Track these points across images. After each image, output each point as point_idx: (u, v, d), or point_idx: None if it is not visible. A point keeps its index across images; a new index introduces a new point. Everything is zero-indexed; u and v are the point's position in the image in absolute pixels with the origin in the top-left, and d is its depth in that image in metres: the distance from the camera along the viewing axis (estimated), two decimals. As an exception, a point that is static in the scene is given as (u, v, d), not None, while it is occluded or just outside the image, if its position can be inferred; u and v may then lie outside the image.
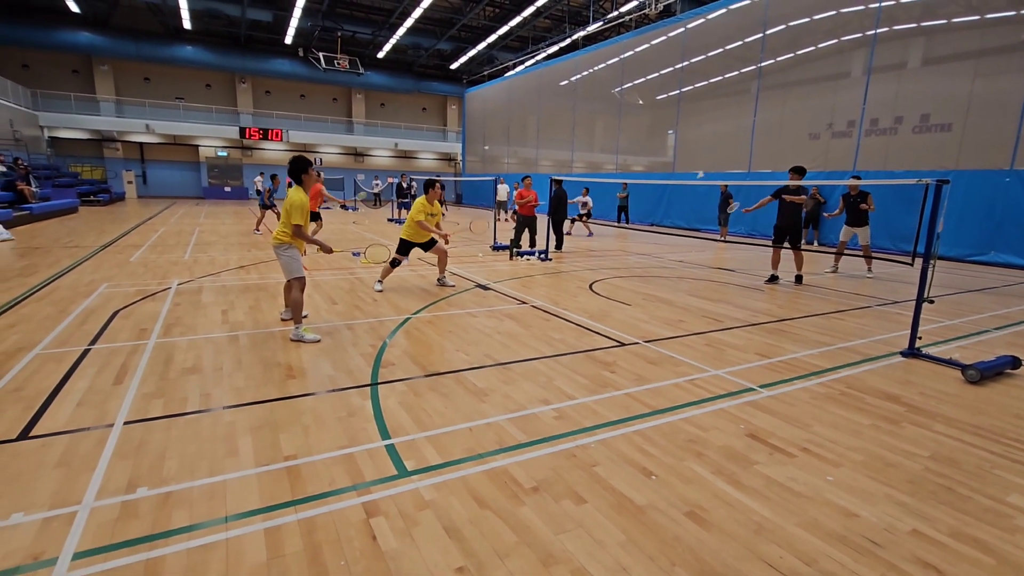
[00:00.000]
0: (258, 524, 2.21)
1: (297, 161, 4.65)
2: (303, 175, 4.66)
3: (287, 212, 4.59)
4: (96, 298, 6.16)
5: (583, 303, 6.56)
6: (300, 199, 4.60)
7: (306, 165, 4.69)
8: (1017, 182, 10.77)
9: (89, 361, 4.10)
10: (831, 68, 15.28)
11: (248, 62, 31.92)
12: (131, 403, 3.35)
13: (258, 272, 8.14)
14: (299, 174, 4.65)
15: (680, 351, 4.70)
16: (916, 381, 4.11)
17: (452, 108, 40.75)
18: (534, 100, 27.45)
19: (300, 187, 4.69)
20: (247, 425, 3.09)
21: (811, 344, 5.02)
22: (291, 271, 4.75)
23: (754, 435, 3.12)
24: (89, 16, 26.86)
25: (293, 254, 4.74)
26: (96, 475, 2.53)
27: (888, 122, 13.56)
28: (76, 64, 29.87)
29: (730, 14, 16.83)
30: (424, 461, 2.74)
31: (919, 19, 13.00)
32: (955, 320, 6.16)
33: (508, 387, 3.77)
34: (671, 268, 9.73)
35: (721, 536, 2.21)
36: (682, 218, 18.58)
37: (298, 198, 4.59)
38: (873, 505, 2.46)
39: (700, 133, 19.16)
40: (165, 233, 13.29)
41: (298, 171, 4.65)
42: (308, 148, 35.67)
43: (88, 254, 9.51)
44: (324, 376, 3.91)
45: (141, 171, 32.22)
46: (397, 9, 26.53)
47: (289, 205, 4.58)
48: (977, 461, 2.90)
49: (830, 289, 7.98)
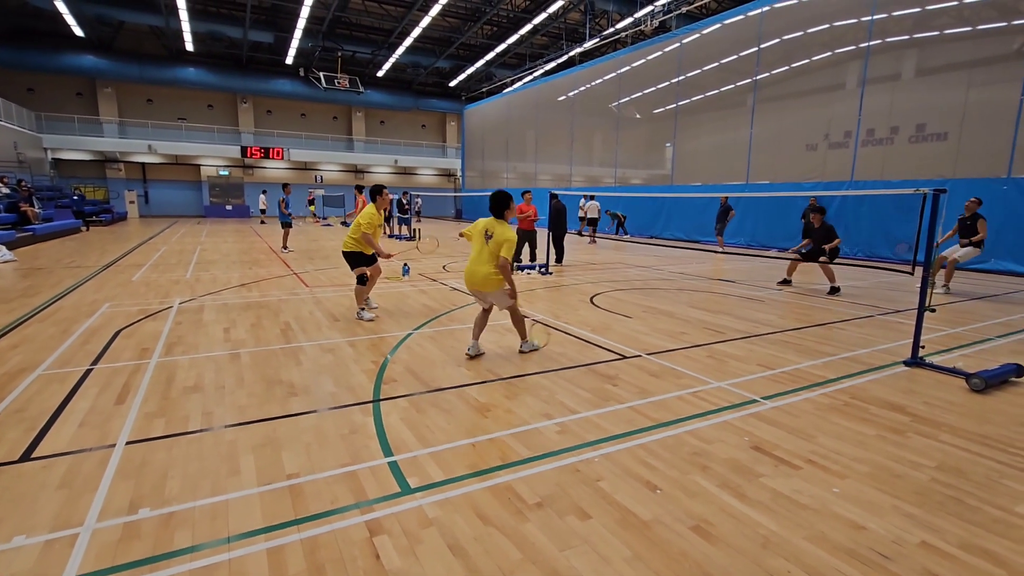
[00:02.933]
0: (261, 544, 2.19)
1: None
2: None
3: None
4: (98, 318, 6.18)
5: (584, 316, 6.56)
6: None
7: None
8: (1015, 190, 10.82)
9: (91, 381, 4.10)
10: (826, 80, 15.46)
11: (250, 82, 32.36)
12: (133, 423, 3.34)
13: (260, 290, 8.16)
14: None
15: (682, 363, 4.69)
16: (920, 391, 4.09)
17: (451, 124, 41.15)
18: (532, 115, 27.74)
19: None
20: (249, 444, 3.08)
21: (813, 354, 5.00)
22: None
23: (758, 447, 3.10)
24: (93, 40, 27.31)
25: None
26: (98, 496, 2.52)
27: (884, 132, 13.68)
28: (80, 87, 30.30)
29: (725, 29, 17.07)
30: (427, 478, 2.72)
31: (911, 31, 13.18)
32: (957, 328, 6.15)
33: (511, 402, 3.76)
34: (671, 280, 9.74)
35: (728, 551, 2.19)
36: (681, 230, 18.65)
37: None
38: (881, 517, 2.43)
39: (698, 146, 19.32)
40: (167, 252, 13.35)
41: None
42: (309, 166, 35.98)
43: (90, 274, 9.54)
44: (326, 393, 3.90)
45: (143, 191, 32.49)
46: (396, 29, 26.95)
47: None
48: (985, 471, 2.87)
49: (831, 299, 7.97)
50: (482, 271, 4.63)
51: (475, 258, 4.70)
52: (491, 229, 4.65)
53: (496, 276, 4.62)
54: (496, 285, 4.64)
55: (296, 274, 9.82)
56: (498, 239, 4.58)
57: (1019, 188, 10.76)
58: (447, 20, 26.72)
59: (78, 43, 27.30)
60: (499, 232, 4.61)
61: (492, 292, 4.69)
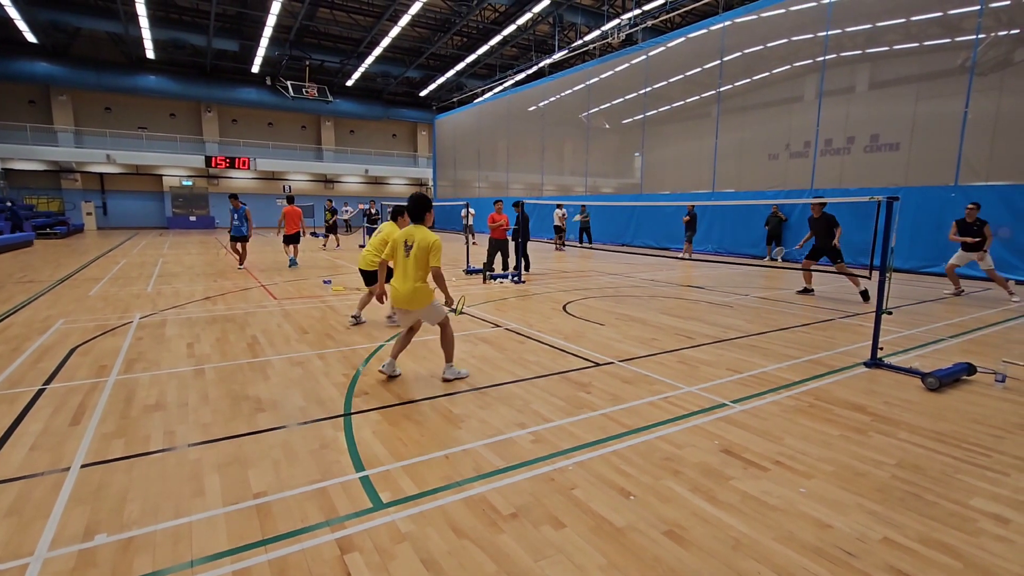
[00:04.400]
0: (226, 567, 2.11)
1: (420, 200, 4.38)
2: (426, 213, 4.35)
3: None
4: (52, 335, 5.91)
5: (557, 324, 6.59)
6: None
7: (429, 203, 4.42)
8: (962, 197, 11.38)
9: (44, 401, 3.91)
10: (786, 92, 16.02)
11: (214, 91, 31.65)
12: (89, 444, 3.20)
13: (225, 303, 7.94)
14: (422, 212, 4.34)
15: (654, 369, 4.75)
16: (880, 391, 4.24)
17: (422, 134, 41.08)
18: (503, 125, 27.91)
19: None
20: (214, 462, 2.98)
21: (780, 358, 5.14)
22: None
23: (728, 450, 3.16)
24: (47, 46, 26.32)
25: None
26: (50, 523, 2.40)
27: (841, 142, 14.24)
28: (32, 94, 29.14)
29: (689, 42, 17.56)
30: (400, 492, 2.68)
31: (863, 46, 13.80)
32: (913, 330, 6.41)
33: (484, 412, 3.74)
34: (642, 287, 9.89)
35: (700, 554, 2.22)
36: (652, 238, 18.98)
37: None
38: (845, 515, 2.50)
39: (665, 155, 19.74)
40: (127, 265, 12.88)
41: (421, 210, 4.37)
42: (276, 176, 35.34)
43: (44, 289, 9.13)
44: (295, 408, 3.81)
45: (101, 202, 31.36)
46: (366, 39, 26.83)
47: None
48: (941, 467, 2.99)
49: (794, 303, 8.22)
50: (408, 286, 4.19)
51: (400, 274, 4.25)
52: (410, 238, 4.21)
53: (426, 289, 4.23)
54: (426, 299, 4.24)
55: (263, 286, 9.59)
56: (422, 246, 4.16)
57: (966, 196, 11.33)
58: (417, 30, 26.75)
59: (31, 49, 26.26)
60: (421, 238, 4.18)
61: (421, 309, 4.27)
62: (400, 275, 4.25)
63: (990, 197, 10.97)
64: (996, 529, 2.41)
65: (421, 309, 4.28)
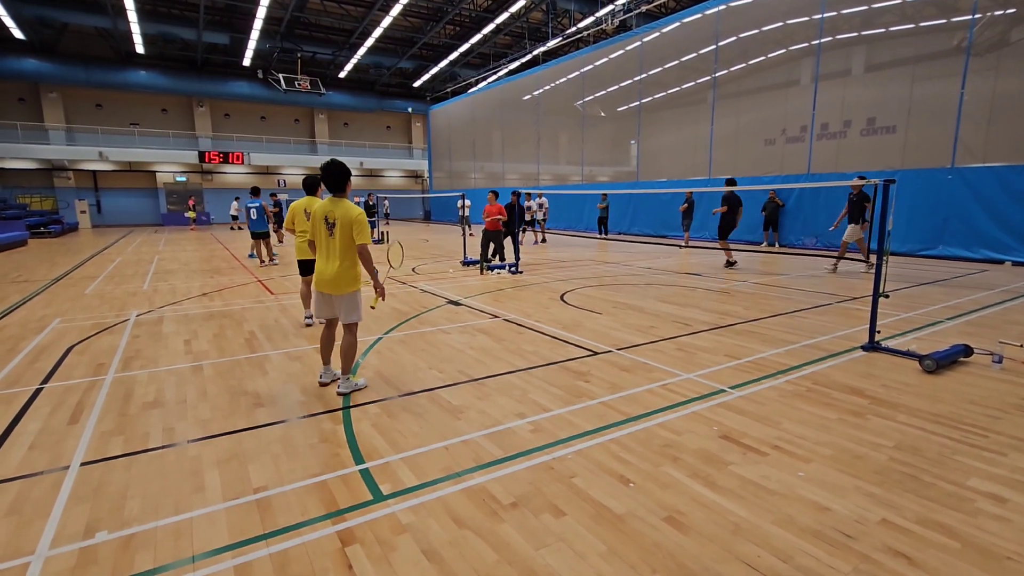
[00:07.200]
0: (228, 561, 2.12)
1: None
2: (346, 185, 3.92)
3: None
4: (49, 334, 5.88)
5: (555, 314, 6.59)
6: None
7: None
8: (959, 179, 11.36)
9: (42, 401, 3.90)
10: (782, 76, 15.92)
11: (206, 85, 31.32)
12: (88, 443, 3.19)
13: (222, 299, 7.92)
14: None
15: (652, 357, 4.76)
16: (877, 374, 4.25)
17: (417, 125, 40.77)
18: (498, 115, 27.72)
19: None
20: (214, 458, 2.98)
21: (777, 343, 5.15)
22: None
23: (727, 436, 3.17)
24: (35, 43, 25.98)
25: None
26: (51, 522, 2.40)
27: (837, 126, 14.18)
28: (22, 92, 28.79)
29: (683, 27, 17.40)
30: (400, 484, 2.69)
31: (859, 28, 13.71)
32: (910, 313, 6.42)
33: (483, 403, 3.75)
34: (640, 275, 9.88)
35: (700, 539, 2.23)
36: (648, 226, 18.94)
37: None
38: (844, 498, 2.52)
39: (661, 142, 19.65)
40: (122, 263, 12.83)
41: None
42: (271, 170, 35.11)
43: (39, 288, 9.09)
44: (294, 402, 3.81)
45: (95, 200, 31.12)
46: (357, 29, 26.53)
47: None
48: (938, 448, 3.00)
49: (792, 288, 8.23)
50: (333, 267, 3.76)
51: (324, 254, 3.83)
52: (331, 214, 3.73)
53: (355, 273, 3.79)
54: (352, 284, 3.80)
55: (260, 281, 9.57)
56: (344, 221, 3.69)
57: (963, 177, 11.31)
58: (409, 20, 26.44)
59: (18, 46, 25.92)
60: (342, 214, 3.70)
61: (345, 294, 3.82)
62: (324, 256, 3.83)
63: (987, 178, 10.96)
64: (993, 509, 2.42)
65: (345, 295, 3.82)
